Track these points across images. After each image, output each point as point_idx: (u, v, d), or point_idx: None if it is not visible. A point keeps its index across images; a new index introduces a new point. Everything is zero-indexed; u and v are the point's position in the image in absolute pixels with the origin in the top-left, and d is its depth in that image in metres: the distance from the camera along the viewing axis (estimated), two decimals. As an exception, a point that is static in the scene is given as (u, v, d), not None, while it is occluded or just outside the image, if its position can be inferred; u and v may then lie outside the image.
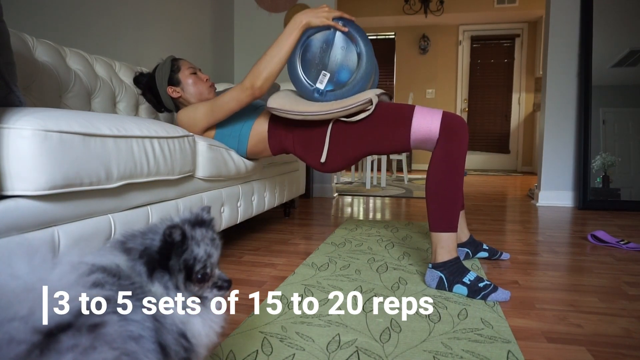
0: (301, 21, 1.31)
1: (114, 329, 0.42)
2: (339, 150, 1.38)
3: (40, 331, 0.37)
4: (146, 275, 0.52)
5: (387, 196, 3.47)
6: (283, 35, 1.32)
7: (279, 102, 1.37)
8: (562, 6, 2.92)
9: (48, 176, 0.80)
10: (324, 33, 1.34)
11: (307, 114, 1.32)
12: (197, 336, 0.53)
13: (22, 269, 0.40)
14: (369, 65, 1.31)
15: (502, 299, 1.15)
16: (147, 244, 0.53)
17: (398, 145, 1.31)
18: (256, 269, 1.45)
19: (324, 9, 1.31)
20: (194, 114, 1.45)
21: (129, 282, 0.49)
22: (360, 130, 1.34)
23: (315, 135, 1.40)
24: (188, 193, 1.34)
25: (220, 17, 3.23)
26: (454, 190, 1.23)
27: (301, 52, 1.36)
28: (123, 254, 0.53)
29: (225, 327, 0.96)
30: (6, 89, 0.90)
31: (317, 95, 1.35)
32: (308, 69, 1.36)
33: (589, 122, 2.87)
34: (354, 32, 1.31)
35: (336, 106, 1.30)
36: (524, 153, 6.57)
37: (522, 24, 6.40)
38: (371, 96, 1.29)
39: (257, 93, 1.35)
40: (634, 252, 1.72)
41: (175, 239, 0.53)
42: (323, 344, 0.88)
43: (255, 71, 1.33)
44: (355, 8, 6.22)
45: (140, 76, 1.65)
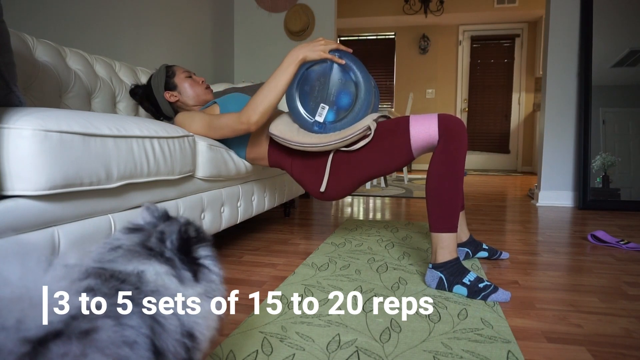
0: (298, 56, 1.31)
1: (107, 334, 0.41)
2: (340, 179, 1.39)
3: (30, 341, 0.36)
4: (193, 280, 0.53)
5: (387, 196, 3.47)
6: (279, 70, 1.33)
7: (280, 130, 1.39)
8: (562, 6, 2.92)
9: (48, 176, 0.80)
10: (321, 65, 1.35)
11: (307, 145, 1.35)
12: (204, 332, 0.53)
13: (15, 273, 0.39)
14: (367, 94, 1.32)
15: (502, 300, 1.15)
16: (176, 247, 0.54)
17: (401, 158, 1.32)
18: (256, 269, 1.45)
19: (320, 43, 1.31)
20: (191, 122, 1.46)
21: (128, 287, 0.49)
22: (361, 156, 1.36)
23: (314, 164, 1.42)
24: (188, 193, 1.34)
25: (220, 17, 3.23)
26: (454, 190, 1.23)
27: (299, 85, 1.37)
28: (162, 264, 0.53)
29: (225, 327, 0.97)
30: (6, 89, 0.90)
31: (316, 129, 1.37)
32: (306, 102, 1.38)
33: (589, 122, 2.87)
34: (351, 63, 1.32)
35: (335, 137, 1.33)
36: (524, 153, 6.57)
37: (522, 24, 6.40)
38: (368, 123, 1.31)
39: (252, 128, 1.37)
40: (634, 252, 1.72)
41: (191, 235, 0.55)
42: (323, 344, 0.88)
43: (253, 105, 1.34)
44: (355, 8, 6.22)
45: (136, 88, 1.67)
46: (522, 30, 6.42)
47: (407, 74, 6.79)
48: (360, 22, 6.48)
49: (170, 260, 0.54)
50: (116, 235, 0.57)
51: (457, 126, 1.24)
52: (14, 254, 0.42)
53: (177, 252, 0.55)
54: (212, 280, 0.57)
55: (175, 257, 0.54)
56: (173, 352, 0.48)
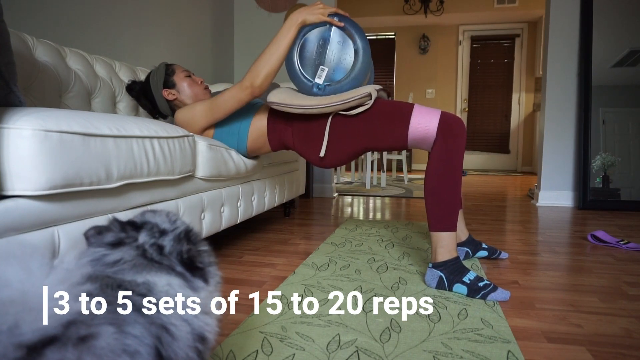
0: (297, 19, 1.32)
1: (106, 341, 0.40)
2: (337, 145, 1.38)
3: (24, 346, 0.35)
4: (205, 285, 0.54)
5: (387, 196, 3.47)
6: (280, 34, 1.33)
7: (278, 97, 1.38)
8: (562, 6, 2.92)
9: (48, 176, 0.80)
10: (320, 29, 1.35)
11: (307, 107, 1.33)
12: (214, 332, 0.53)
13: (15, 275, 0.39)
14: (365, 58, 1.32)
15: (501, 299, 1.15)
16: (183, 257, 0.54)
17: (396, 142, 1.31)
18: (256, 269, 1.45)
19: (319, 6, 1.33)
20: (192, 113, 1.45)
21: (136, 296, 0.48)
22: (359, 125, 1.34)
23: (314, 129, 1.41)
24: (188, 193, 1.34)
25: (220, 17, 3.23)
26: (452, 189, 1.23)
27: (298, 49, 1.37)
28: (174, 276, 0.52)
29: (225, 327, 0.97)
30: (6, 88, 0.90)
31: (316, 90, 1.36)
32: (306, 66, 1.37)
33: (589, 122, 2.87)
34: (350, 27, 1.32)
35: (335, 99, 1.31)
36: (524, 153, 6.57)
37: (522, 24, 6.40)
38: (370, 90, 1.30)
39: (256, 92, 1.36)
40: (634, 252, 1.72)
41: (195, 256, 0.55)
42: (323, 344, 0.88)
43: (254, 70, 1.34)
44: (355, 8, 6.22)
45: (133, 84, 1.67)
46: (522, 30, 6.42)
47: (407, 74, 6.79)
48: (360, 22, 6.48)
49: (181, 273, 0.54)
50: (97, 249, 0.53)
51: (457, 126, 1.24)
52: (16, 255, 0.41)
53: (186, 268, 0.55)
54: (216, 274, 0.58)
55: (185, 270, 0.55)
56: (185, 359, 0.48)
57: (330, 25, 1.34)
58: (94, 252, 0.53)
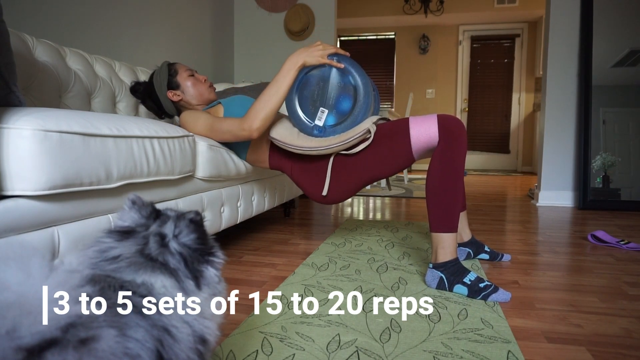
0: (297, 62, 1.31)
1: (108, 344, 0.40)
2: (341, 182, 1.40)
3: (24, 349, 0.35)
4: (196, 289, 0.53)
5: (387, 196, 3.47)
6: (279, 76, 1.33)
7: (280, 134, 1.40)
8: (562, 6, 2.92)
9: (48, 176, 0.80)
10: (320, 70, 1.36)
11: (306, 149, 1.35)
12: (214, 334, 0.53)
13: (15, 277, 0.38)
14: (366, 98, 1.32)
15: (502, 300, 1.15)
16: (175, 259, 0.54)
17: (402, 160, 1.32)
18: (256, 269, 1.45)
19: (318, 47, 1.32)
20: (195, 122, 1.47)
21: (137, 297, 0.47)
22: (361, 159, 1.36)
23: (315, 168, 1.42)
24: (188, 193, 1.34)
25: (220, 17, 3.23)
26: (453, 190, 1.23)
27: (298, 90, 1.38)
28: (167, 277, 0.52)
29: (225, 327, 0.96)
30: (6, 88, 0.90)
31: (316, 132, 1.37)
32: (307, 106, 1.38)
33: (589, 122, 2.87)
34: (349, 67, 1.32)
35: (335, 141, 1.33)
36: (524, 153, 6.57)
37: (522, 24, 6.40)
38: (368, 126, 1.31)
39: (254, 135, 1.36)
40: (634, 252, 1.71)
41: (192, 245, 0.55)
42: (323, 344, 0.88)
43: (253, 113, 1.34)
44: (355, 8, 6.22)
45: (137, 85, 1.66)
46: (522, 30, 6.42)
47: (407, 74, 6.79)
48: (360, 22, 6.48)
49: (174, 271, 0.52)
50: (105, 240, 0.53)
51: (457, 126, 1.24)
52: (15, 257, 0.40)
53: (182, 259, 0.54)
54: (213, 280, 0.57)
55: (180, 265, 0.53)
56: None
57: (330, 66, 1.33)
58: (101, 243, 0.53)
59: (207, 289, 0.55)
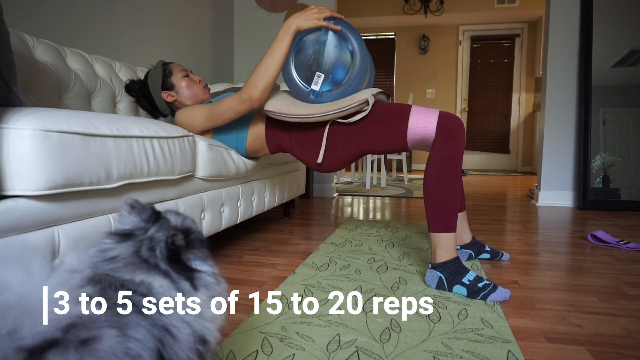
0: (291, 26, 1.30)
1: (109, 344, 0.40)
2: (335, 151, 1.38)
3: (25, 350, 0.35)
4: (192, 289, 0.53)
5: (387, 196, 3.47)
6: (275, 43, 1.32)
7: (275, 105, 1.37)
8: (562, 6, 2.92)
9: (48, 176, 0.80)
10: (316, 34, 1.33)
11: (303, 116, 1.33)
12: (214, 335, 0.53)
13: (15, 278, 0.38)
14: (362, 63, 1.30)
15: (501, 299, 1.15)
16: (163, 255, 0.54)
17: (395, 144, 1.31)
18: (256, 269, 1.45)
19: (313, 11, 1.30)
20: (192, 116, 1.45)
21: (138, 297, 0.47)
22: (357, 131, 1.34)
23: (312, 136, 1.40)
24: (188, 193, 1.34)
25: (220, 17, 3.23)
26: (451, 190, 1.23)
27: (294, 55, 1.36)
28: (162, 277, 0.52)
29: (225, 327, 0.97)
30: (6, 88, 0.90)
31: (312, 97, 1.35)
32: (302, 71, 1.36)
33: (589, 122, 2.87)
34: (346, 30, 1.30)
35: (332, 108, 1.30)
36: (524, 153, 6.57)
37: (522, 24, 6.40)
38: (367, 96, 1.28)
39: (255, 104, 1.36)
40: (634, 252, 1.71)
41: (178, 244, 0.54)
42: (323, 344, 0.88)
43: (252, 82, 1.33)
44: (355, 8, 6.22)
45: (132, 83, 1.65)
46: (522, 30, 6.42)
47: (407, 74, 6.78)
48: (360, 22, 6.48)
49: (166, 273, 0.52)
50: (106, 241, 0.54)
51: (456, 125, 1.24)
52: (16, 257, 0.40)
53: (169, 263, 0.53)
54: (209, 282, 0.56)
55: (169, 269, 0.53)
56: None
57: (327, 29, 1.32)
58: (102, 243, 0.53)
59: (205, 290, 0.55)
